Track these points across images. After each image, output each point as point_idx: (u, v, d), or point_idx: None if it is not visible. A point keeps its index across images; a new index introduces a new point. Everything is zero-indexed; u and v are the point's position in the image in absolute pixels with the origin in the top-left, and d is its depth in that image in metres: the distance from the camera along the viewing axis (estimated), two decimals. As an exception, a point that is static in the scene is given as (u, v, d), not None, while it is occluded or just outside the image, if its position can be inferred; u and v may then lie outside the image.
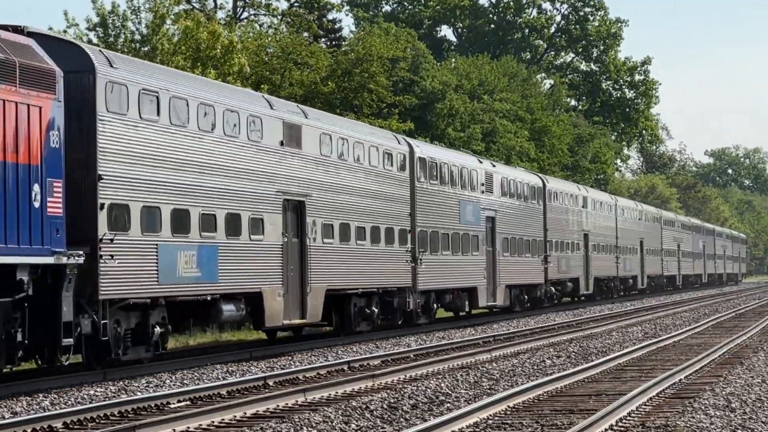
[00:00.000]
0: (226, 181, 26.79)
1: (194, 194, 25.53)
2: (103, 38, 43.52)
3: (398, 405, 18.18)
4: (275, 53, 55.57)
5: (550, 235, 53.43)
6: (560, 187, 57.53)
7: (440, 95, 65.34)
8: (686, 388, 20.43)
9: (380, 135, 37.37)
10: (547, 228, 53.23)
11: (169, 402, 19.04)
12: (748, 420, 16.25)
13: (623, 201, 73.80)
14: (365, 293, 34.13)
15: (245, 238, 27.37)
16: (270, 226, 28.48)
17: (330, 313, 32.68)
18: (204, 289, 25.77)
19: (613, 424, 15.88)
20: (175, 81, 25.70)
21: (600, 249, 63.56)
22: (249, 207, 27.65)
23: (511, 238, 47.53)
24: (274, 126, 29.10)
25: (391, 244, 35.79)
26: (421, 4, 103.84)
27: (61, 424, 16.64)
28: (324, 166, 31.72)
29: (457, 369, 24.72)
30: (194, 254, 25.22)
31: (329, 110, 48.78)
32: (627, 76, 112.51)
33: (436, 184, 39.84)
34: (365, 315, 34.22)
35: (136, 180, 23.67)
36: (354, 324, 33.47)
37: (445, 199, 40.76)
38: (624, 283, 71.41)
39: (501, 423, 16.13)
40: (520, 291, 49.43)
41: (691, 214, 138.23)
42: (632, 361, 26.29)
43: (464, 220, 42.32)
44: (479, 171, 44.68)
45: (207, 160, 26.07)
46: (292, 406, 18.72)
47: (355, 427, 16.05)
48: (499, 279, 45.52)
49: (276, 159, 29.15)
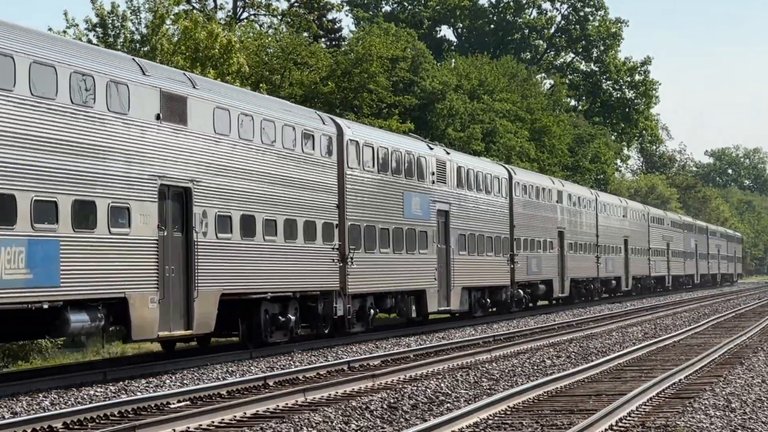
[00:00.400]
0: (73, 160, 21.94)
1: (23, 176, 20.61)
2: (103, 38, 43.51)
3: (398, 405, 18.18)
4: (275, 53, 55.59)
5: (517, 232, 49.03)
6: (530, 180, 52.59)
7: (440, 95, 65.33)
8: (686, 388, 20.42)
9: (299, 113, 32.07)
10: (514, 224, 48.85)
11: (169, 402, 19.04)
12: (748, 420, 16.24)
13: (605, 197, 69.36)
14: (279, 298, 29.50)
15: (102, 232, 22.53)
16: (140, 216, 23.70)
17: (236, 321, 28.48)
18: (37, 296, 20.82)
19: (613, 424, 15.88)
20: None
21: (577, 248, 59.09)
22: (107, 193, 22.78)
23: (468, 235, 42.98)
24: (146, 96, 24.33)
25: (311, 240, 30.94)
26: (421, 4, 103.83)
27: (61, 424, 16.63)
28: (219, 147, 26.86)
29: (457, 369, 24.70)
30: (22, 251, 20.35)
31: (329, 110, 48.78)
32: (627, 76, 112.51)
33: (372, 172, 34.95)
34: (280, 323, 29.69)
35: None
36: (264, 334, 28.85)
37: (384, 190, 35.84)
38: (606, 284, 66.91)
39: (501, 423, 16.13)
40: (481, 294, 45.07)
41: (691, 215, 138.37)
42: (632, 361, 26.27)
43: (409, 213, 37.50)
44: (428, 158, 39.62)
45: (41, 133, 21.20)
46: (292, 406, 18.71)
47: (355, 427, 16.04)
48: (453, 280, 40.93)
49: (149, 136, 24.32)
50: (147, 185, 24.08)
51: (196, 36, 43.29)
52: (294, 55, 55.18)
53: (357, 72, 56.14)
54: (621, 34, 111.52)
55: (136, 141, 23.87)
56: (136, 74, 24.20)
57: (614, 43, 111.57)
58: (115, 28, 44.19)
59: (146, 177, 24.09)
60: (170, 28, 44.59)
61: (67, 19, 45.77)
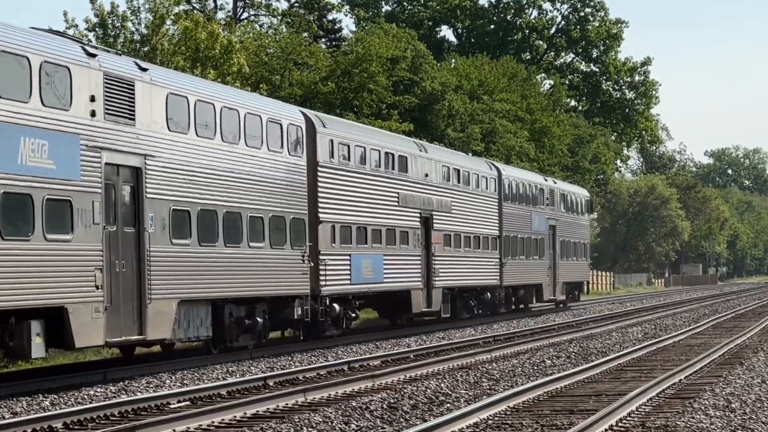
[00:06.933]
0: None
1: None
2: (103, 38, 43.52)
3: (398, 405, 18.18)
4: (275, 53, 55.62)
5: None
6: None
7: (440, 96, 65.35)
8: (686, 388, 20.42)
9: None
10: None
11: (169, 402, 19.04)
12: (748, 420, 16.24)
13: None
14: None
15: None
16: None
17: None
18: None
19: (613, 425, 15.88)
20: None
21: None
22: None
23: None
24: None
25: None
26: (421, 5, 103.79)
27: (61, 424, 16.63)
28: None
29: (457, 369, 24.70)
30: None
31: (329, 111, 48.78)
32: (627, 76, 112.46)
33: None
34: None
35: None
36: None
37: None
38: None
39: (501, 423, 16.13)
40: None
41: (691, 215, 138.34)
42: (632, 361, 26.27)
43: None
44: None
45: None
46: (292, 406, 18.71)
47: (355, 428, 16.04)
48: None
49: None
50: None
51: (196, 36, 43.31)
52: (294, 55, 55.23)
53: (357, 72, 56.17)
54: (621, 35, 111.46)
55: None
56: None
57: (614, 44, 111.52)
58: (114, 28, 44.22)
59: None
60: (170, 28, 44.61)
61: (66, 20, 45.76)
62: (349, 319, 33.60)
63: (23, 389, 20.46)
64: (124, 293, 22.76)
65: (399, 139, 39.79)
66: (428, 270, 38.55)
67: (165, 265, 24.08)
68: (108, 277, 22.15)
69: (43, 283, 20.51)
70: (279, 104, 31.61)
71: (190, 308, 25.20)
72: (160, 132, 24.40)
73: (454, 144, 63.01)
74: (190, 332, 25.31)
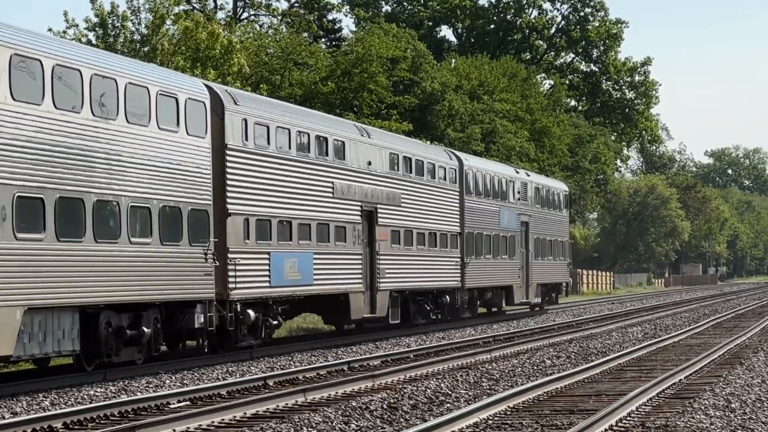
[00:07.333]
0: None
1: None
2: (103, 38, 43.55)
3: (398, 405, 18.18)
4: (275, 53, 55.64)
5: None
6: None
7: (440, 96, 65.36)
8: (686, 388, 20.42)
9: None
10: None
11: (169, 402, 19.03)
12: (748, 420, 16.24)
13: None
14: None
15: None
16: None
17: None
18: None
19: (613, 425, 15.88)
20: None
21: None
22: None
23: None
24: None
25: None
26: (421, 5, 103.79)
27: (61, 424, 16.63)
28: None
29: (457, 369, 24.70)
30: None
31: (329, 111, 48.79)
32: (627, 76, 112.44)
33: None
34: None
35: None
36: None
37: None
38: None
39: (501, 423, 16.13)
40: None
41: (691, 215, 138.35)
42: (632, 361, 26.27)
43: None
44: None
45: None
46: (292, 406, 18.71)
47: (355, 427, 16.04)
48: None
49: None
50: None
51: (196, 36, 43.34)
52: (294, 55, 55.23)
53: (357, 72, 56.18)
54: (621, 35, 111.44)
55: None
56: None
57: (614, 44, 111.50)
58: (115, 28, 44.24)
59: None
60: (170, 28, 44.64)
61: (66, 20, 45.80)
62: (270, 327, 29.21)
63: (23, 389, 20.46)
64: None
65: (336, 122, 35.11)
66: (372, 271, 34.32)
67: (3, 264, 19.85)
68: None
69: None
70: (175, 75, 27.40)
71: (46, 317, 20.82)
72: (2, 102, 20.13)
73: (455, 144, 63.02)
74: (47, 347, 20.86)
